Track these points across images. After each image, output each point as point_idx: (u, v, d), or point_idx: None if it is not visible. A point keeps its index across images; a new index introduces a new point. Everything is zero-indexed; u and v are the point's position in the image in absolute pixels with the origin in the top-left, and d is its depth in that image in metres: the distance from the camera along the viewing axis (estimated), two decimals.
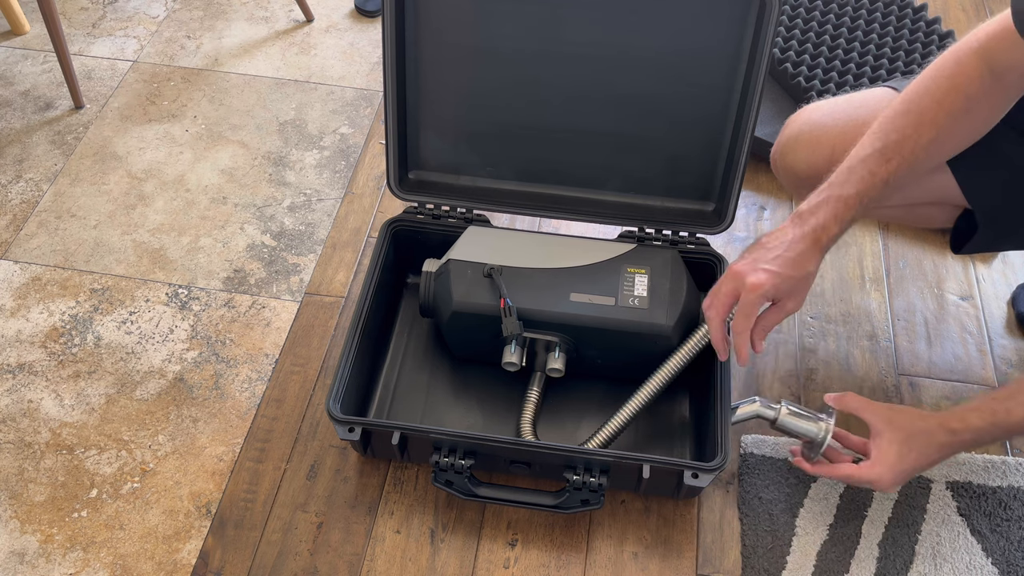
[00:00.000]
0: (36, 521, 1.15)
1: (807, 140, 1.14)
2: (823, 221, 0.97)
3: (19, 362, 1.31)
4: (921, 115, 0.95)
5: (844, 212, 0.96)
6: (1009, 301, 1.39)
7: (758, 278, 0.97)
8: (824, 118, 1.13)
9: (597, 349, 1.17)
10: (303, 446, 1.22)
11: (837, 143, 1.10)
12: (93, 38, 1.83)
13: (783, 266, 0.97)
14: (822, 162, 1.12)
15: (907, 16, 1.71)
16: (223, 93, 1.72)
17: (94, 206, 1.52)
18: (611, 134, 1.19)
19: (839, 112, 1.13)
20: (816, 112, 1.15)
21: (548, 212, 1.27)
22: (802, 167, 1.15)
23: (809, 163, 1.14)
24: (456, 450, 1.09)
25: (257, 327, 1.36)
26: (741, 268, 0.99)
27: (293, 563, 1.11)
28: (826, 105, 1.16)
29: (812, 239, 0.97)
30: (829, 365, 1.31)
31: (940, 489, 1.17)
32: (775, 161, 1.19)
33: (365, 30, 1.87)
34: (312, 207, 1.52)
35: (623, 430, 1.14)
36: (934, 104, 0.95)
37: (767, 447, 1.20)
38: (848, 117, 1.11)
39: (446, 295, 1.16)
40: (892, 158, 0.95)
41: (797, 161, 1.15)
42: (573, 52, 1.12)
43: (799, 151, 1.14)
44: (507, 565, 1.12)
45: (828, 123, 1.12)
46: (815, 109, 1.16)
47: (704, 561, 1.12)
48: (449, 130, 1.23)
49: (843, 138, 1.10)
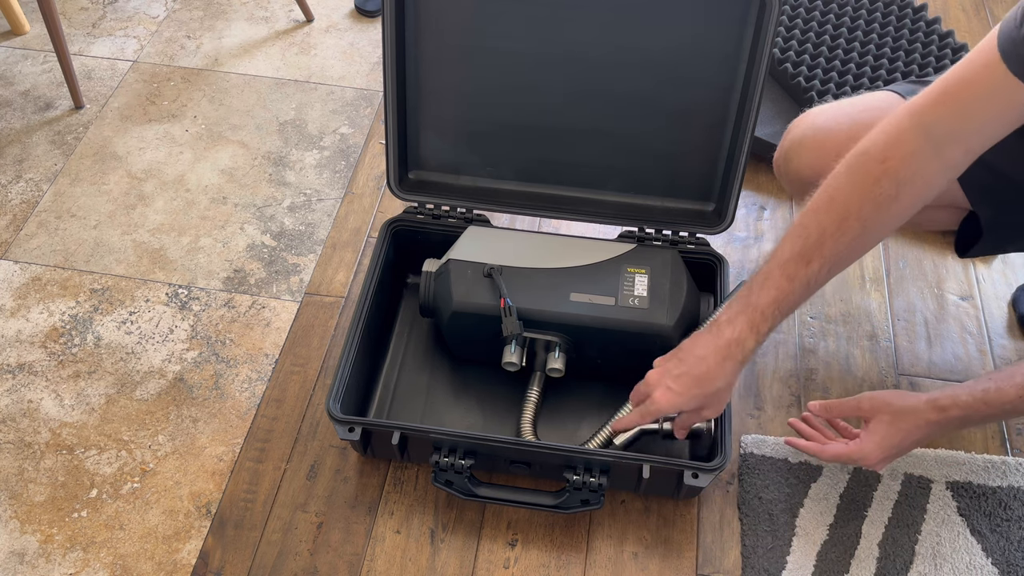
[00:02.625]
0: (36, 521, 1.15)
1: (811, 145, 1.13)
2: (738, 334, 0.95)
3: (19, 362, 1.31)
4: (845, 209, 0.90)
5: (761, 323, 0.95)
6: (1010, 302, 1.39)
7: (662, 397, 0.99)
8: (828, 122, 1.12)
9: (597, 349, 1.17)
10: (303, 446, 1.22)
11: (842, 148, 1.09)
12: (93, 38, 1.83)
13: (688, 386, 0.98)
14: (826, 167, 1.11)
15: (907, 16, 1.71)
16: (223, 93, 1.72)
17: (94, 206, 1.52)
18: (611, 134, 1.19)
19: (843, 116, 1.12)
20: (820, 116, 1.14)
21: (548, 212, 1.27)
22: (807, 172, 1.14)
23: (813, 168, 1.13)
24: (456, 450, 1.09)
25: (257, 327, 1.36)
26: (653, 378, 1.01)
27: (293, 563, 1.11)
28: (830, 109, 1.15)
29: (724, 354, 0.96)
30: (829, 365, 1.31)
31: (940, 489, 1.17)
32: (778, 166, 1.19)
33: (365, 30, 1.87)
34: (312, 207, 1.52)
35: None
36: (860, 194, 0.90)
37: (767, 447, 1.20)
38: (852, 121, 1.10)
39: (446, 295, 1.16)
40: (812, 259, 0.92)
41: (802, 166, 1.14)
42: (573, 52, 1.12)
43: (803, 156, 1.14)
44: (507, 565, 1.12)
45: (832, 127, 1.12)
46: (819, 113, 1.15)
47: (704, 561, 1.12)
48: (449, 130, 1.23)
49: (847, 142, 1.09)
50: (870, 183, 0.89)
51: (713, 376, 0.97)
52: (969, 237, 1.13)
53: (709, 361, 0.97)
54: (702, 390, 0.98)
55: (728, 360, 0.96)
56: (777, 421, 1.25)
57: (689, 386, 0.98)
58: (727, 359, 0.96)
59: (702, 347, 0.98)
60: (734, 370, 0.97)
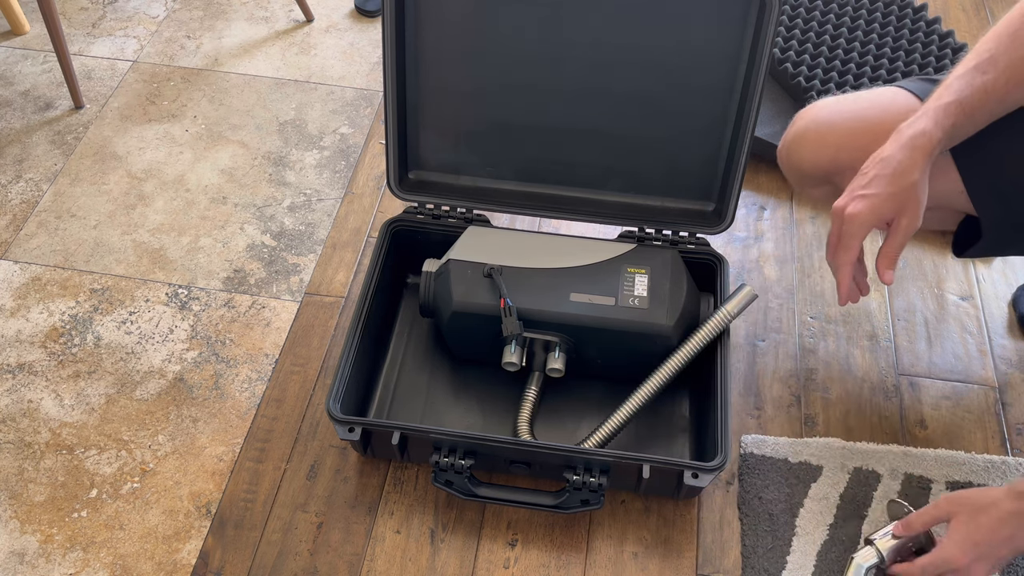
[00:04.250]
0: (36, 521, 1.15)
1: (813, 138, 1.13)
2: (922, 128, 0.94)
3: (19, 362, 1.31)
4: (1014, 31, 0.93)
5: (944, 118, 0.94)
6: (1010, 303, 1.39)
7: (855, 207, 0.94)
8: (832, 116, 1.12)
9: (597, 349, 1.17)
10: (303, 446, 1.22)
11: (843, 142, 1.10)
12: (93, 38, 1.83)
13: (881, 185, 0.93)
14: (826, 161, 1.12)
15: (907, 16, 1.71)
16: (223, 93, 1.72)
17: (94, 206, 1.52)
18: (611, 134, 1.19)
19: (846, 111, 1.12)
20: (824, 110, 1.14)
21: (548, 212, 1.27)
22: (807, 165, 1.14)
23: (814, 161, 1.13)
24: (456, 450, 1.09)
25: (257, 327, 1.36)
26: (839, 203, 0.96)
27: (293, 563, 1.11)
28: (834, 103, 1.15)
29: (910, 147, 0.93)
30: (829, 365, 1.31)
31: (940, 489, 1.17)
32: (781, 157, 1.19)
33: (365, 30, 1.87)
34: (312, 207, 1.52)
35: (621, 429, 1.14)
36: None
37: (767, 447, 1.20)
38: (855, 116, 1.11)
39: (446, 295, 1.16)
40: (987, 71, 0.93)
41: (803, 159, 1.14)
42: (573, 52, 1.12)
43: (805, 149, 1.14)
44: (507, 565, 1.12)
45: (835, 121, 1.12)
46: (823, 107, 1.15)
47: (704, 561, 1.12)
48: (449, 130, 1.23)
49: (849, 137, 1.09)
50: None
51: (905, 168, 0.93)
52: (967, 238, 1.13)
53: (897, 156, 0.94)
54: (897, 187, 0.93)
55: (916, 151, 0.93)
56: (777, 421, 1.25)
57: (882, 185, 0.93)
58: (915, 149, 0.93)
59: (885, 150, 0.95)
60: (924, 160, 0.94)
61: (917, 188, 0.94)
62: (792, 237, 1.47)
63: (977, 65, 0.95)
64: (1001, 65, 0.93)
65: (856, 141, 1.07)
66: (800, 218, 1.50)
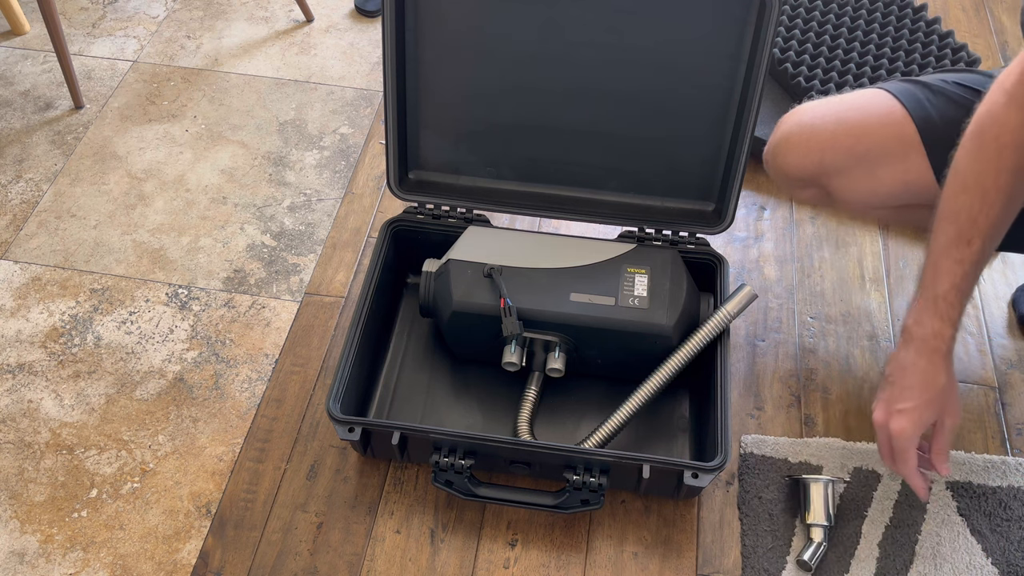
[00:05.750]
0: (36, 521, 1.15)
1: (797, 142, 1.14)
2: (932, 329, 0.95)
3: (19, 362, 1.31)
4: (982, 186, 0.91)
5: (948, 310, 0.95)
6: (1010, 303, 1.39)
7: (898, 424, 0.98)
8: (815, 120, 1.14)
9: (597, 349, 1.17)
10: (303, 446, 1.22)
11: (827, 146, 1.11)
12: (93, 38, 1.83)
13: (915, 397, 0.97)
14: (811, 165, 1.13)
15: (907, 16, 1.71)
16: (223, 93, 1.72)
17: (94, 206, 1.52)
18: (611, 134, 1.19)
19: (830, 115, 1.13)
20: (807, 114, 1.15)
21: (548, 212, 1.27)
22: (792, 169, 1.16)
23: (799, 165, 1.14)
24: (456, 450, 1.09)
25: (257, 327, 1.36)
26: (880, 418, 1.00)
27: (293, 563, 1.11)
28: (817, 106, 1.16)
29: (928, 352, 0.96)
30: (829, 365, 1.31)
31: (940, 489, 1.17)
32: (767, 161, 1.20)
33: (365, 30, 1.87)
34: (312, 207, 1.52)
35: (621, 429, 1.14)
36: (991, 169, 0.91)
37: (767, 447, 1.20)
38: (838, 120, 1.12)
39: (446, 295, 1.16)
40: (972, 239, 0.92)
41: (788, 163, 1.16)
42: (573, 52, 1.12)
43: (790, 153, 1.15)
44: (507, 565, 1.12)
45: (819, 125, 1.13)
46: (806, 110, 1.16)
47: (704, 561, 1.12)
48: (449, 130, 1.23)
49: (833, 141, 1.11)
50: (994, 157, 0.91)
51: (931, 376, 0.96)
52: None
53: (919, 365, 0.96)
54: (930, 393, 0.97)
55: (935, 354, 0.96)
56: (777, 421, 1.25)
57: (915, 396, 0.97)
58: (933, 353, 0.96)
59: (902, 360, 0.98)
60: (945, 363, 0.96)
61: (948, 389, 0.98)
62: (792, 237, 1.47)
63: (959, 234, 0.93)
64: (982, 227, 0.92)
65: (840, 143, 1.09)
66: (800, 218, 1.50)
